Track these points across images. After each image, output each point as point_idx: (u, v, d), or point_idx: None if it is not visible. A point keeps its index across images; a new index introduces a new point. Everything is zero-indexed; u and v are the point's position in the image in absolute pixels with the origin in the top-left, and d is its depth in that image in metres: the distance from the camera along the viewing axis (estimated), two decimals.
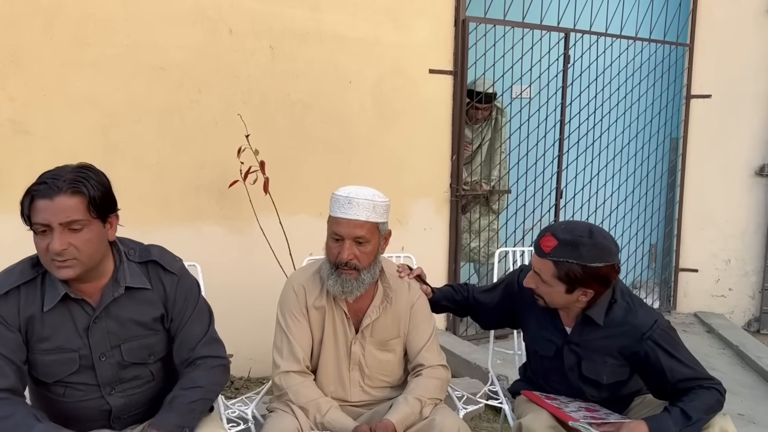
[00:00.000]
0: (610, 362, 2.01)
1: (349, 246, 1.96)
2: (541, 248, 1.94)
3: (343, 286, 1.99)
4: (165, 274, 1.81)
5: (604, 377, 2.03)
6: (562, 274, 1.89)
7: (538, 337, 2.13)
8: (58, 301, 1.66)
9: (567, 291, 1.93)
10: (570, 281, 1.90)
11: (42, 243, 1.59)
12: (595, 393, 2.09)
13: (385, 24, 3.68)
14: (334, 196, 2.01)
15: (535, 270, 1.97)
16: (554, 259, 1.90)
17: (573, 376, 2.08)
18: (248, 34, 3.33)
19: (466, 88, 3.96)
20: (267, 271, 3.31)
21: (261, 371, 3.49)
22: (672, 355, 1.95)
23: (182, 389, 1.74)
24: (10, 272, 1.69)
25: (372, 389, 2.12)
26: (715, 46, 4.65)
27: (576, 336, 2.05)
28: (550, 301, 2.00)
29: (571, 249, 1.88)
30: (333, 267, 2.00)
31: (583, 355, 2.04)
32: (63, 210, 1.56)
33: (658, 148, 4.80)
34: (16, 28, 2.88)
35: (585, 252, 1.87)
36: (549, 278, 1.93)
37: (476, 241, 4.25)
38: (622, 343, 1.99)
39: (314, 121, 3.55)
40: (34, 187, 1.58)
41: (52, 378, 1.71)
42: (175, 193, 3.23)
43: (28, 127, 2.95)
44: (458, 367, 3.56)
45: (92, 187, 1.60)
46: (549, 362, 2.12)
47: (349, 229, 1.96)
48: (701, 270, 4.83)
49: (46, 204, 1.56)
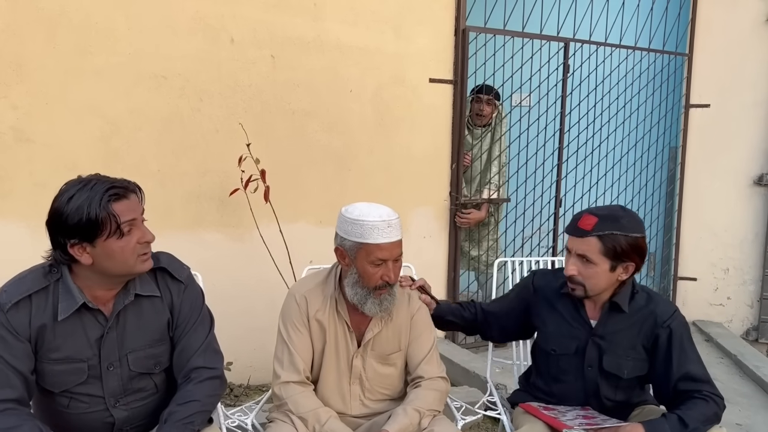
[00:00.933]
0: (632, 355, 2.04)
1: (393, 266, 1.98)
2: (582, 228, 1.97)
3: (382, 305, 2.01)
4: (172, 281, 1.84)
5: (625, 371, 2.05)
6: (609, 247, 1.94)
7: (558, 335, 2.13)
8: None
9: (611, 268, 1.97)
10: (615, 255, 1.94)
11: (130, 240, 1.65)
12: (610, 392, 2.09)
13: (386, 33, 3.71)
14: (364, 222, 1.93)
15: (578, 253, 1.99)
16: (599, 233, 1.94)
17: (592, 372, 2.09)
18: (249, 43, 3.35)
19: (466, 97, 3.98)
20: (267, 279, 3.33)
21: (260, 378, 3.50)
22: (684, 348, 2.00)
23: (178, 404, 1.74)
24: (22, 280, 1.69)
25: (372, 402, 2.13)
26: (714, 56, 4.67)
27: (601, 328, 2.07)
28: (593, 285, 2.00)
29: (612, 222, 1.95)
30: (369, 291, 1.99)
31: (606, 349, 2.06)
32: (139, 205, 1.70)
33: (656, 157, 4.82)
34: (20, 37, 2.90)
35: (625, 223, 1.95)
36: (595, 256, 1.96)
37: (476, 249, 4.26)
38: (644, 332, 2.03)
39: (315, 129, 3.57)
40: (111, 192, 1.62)
41: (59, 388, 1.72)
42: (176, 201, 3.25)
43: (31, 135, 2.96)
44: (457, 375, 3.57)
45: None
46: (566, 360, 2.12)
47: (391, 252, 1.96)
48: (700, 279, 4.84)
49: (127, 203, 1.64)
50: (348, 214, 1.98)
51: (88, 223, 1.59)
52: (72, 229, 1.60)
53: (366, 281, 1.97)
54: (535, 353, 2.28)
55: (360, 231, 1.93)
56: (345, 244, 1.98)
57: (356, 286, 1.99)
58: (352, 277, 2.00)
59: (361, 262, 1.96)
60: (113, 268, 1.66)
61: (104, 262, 1.64)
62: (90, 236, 1.61)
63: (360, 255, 1.95)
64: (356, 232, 1.94)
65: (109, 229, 1.61)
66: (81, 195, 1.60)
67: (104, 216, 1.60)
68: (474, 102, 4.12)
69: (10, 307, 1.63)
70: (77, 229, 1.60)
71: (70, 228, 1.60)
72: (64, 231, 1.61)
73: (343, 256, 2.01)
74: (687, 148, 4.79)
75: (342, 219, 2.00)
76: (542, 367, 2.22)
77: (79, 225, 1.59)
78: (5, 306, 1.63)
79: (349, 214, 1.97)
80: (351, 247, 1.96)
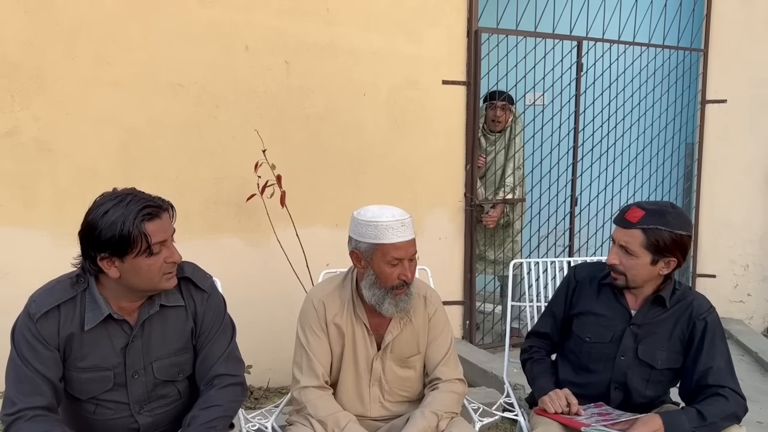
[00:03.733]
0: (667, 347, 2.07)
1: (409, 265, 2.00)
2: (628, 220, 2.01)
3: (399, 305, 2.03)
4: (196, 291, 1.87)
5: (659, 362, 2.07)
6: (651, 241, 1.97)
7: (595, 324, 2.16)
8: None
9: (652, 262, 2.00)
10: (657, 249, 1.97)
11: (158, 259, 1.69)
12: (641, 385, 2.10)
13: (399, 36, 3.73)
14: (378, 223, 1.96)
15: (621, 243, 2.02)
16: (643, 227, 1.98)
17: (625, 362, 2.10)
18: (264, 50, 3.39)
19: (479, 99, 3.99)
20: (285, 282, 3.37)
21: (280, 381, 3.54)
22: (715, 343, 2.03)
23: (201, 409, 1.78)
24: (51, 291, 1.73)
25: (391, 404, 2.15)
26: (730, 51, 4.63)
27: (641, 318, 2.10)
28: (633, 276, 2.04)
29: (658, 217, 1.97)
30: (386, 291, 2.01)
31: (642, 338, 2.09)
32: (170, 224, 1.74)
33: (673, 154, 4.79)
34: (40, 49, 2.96)
35: (671, 219, 1.98)
36: (637, 248, 1.99)
37: (491, 251, 4.26)
38: (681, 324, 2.07)
39: (329, 133, 3.60)
40: (145, 211, 1.65)
41: (86, 395, 1.76)
42: (194, 207, 3.29)
43: (52, 145, 3.03)
44: (474, 376, 3.58)
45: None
46: (599, 349, 2.14)
47: (407, 250, 1.98)
48: (719, 276, 4.80)
49: (159, 223, 1.68)
50: (361, 216, 2.00)
51: (121, 239, 1.62)
52: (104, 243, 1.63)
53: (383, 282, 2.00)
54: (564, 344, 2.29)
55: (374, 232, 1.96)
56: (360, 246, 2.00)
57: (373, 287, 2.02)
58: (369, 279, 2.02)
59: (377, 263, 1.98)
60: (139, 283, 1.70)
61: (131, 277, 1.68)
62: (120, 252, 1.64)
63: (376, 256, 1.98)
64: (371, 234, 1.97)
65: (139, 247, 1.64)
66: (116, 211, 1.63)
67: (136, 234, 1.63)
68: (488, 109, 4.12)
69: (39, 317, 1.67)
70: (109, 244, 1.63)
71: (102, 242, 1.63)
72: (96, 244, 1.64)
73: (358, 258, 2.03)
74: (703, 144, 4.75)
75: (355, 222, 2.03)
76: (571, 356, 2.23)
77: (111, 240, 1.63)
78: (35, 316, 1.67)
79: (362, 216, 2.00)
80: (366, 249, 1.99)
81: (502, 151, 4.19)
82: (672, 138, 4.75)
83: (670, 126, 4.72)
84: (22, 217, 3.01)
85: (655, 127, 4.68)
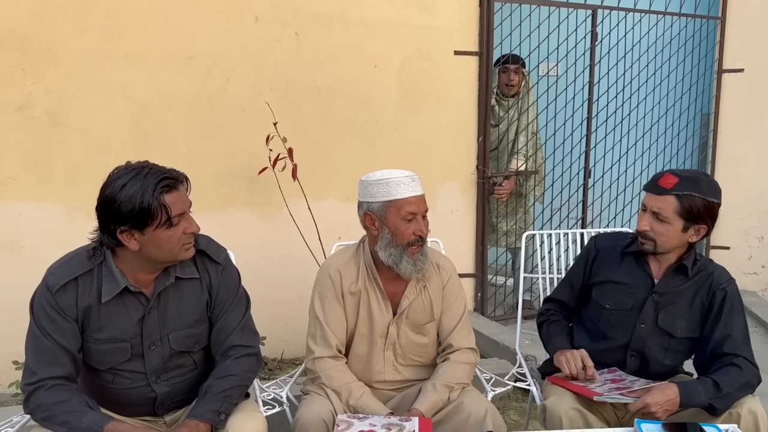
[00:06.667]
0: (687, 315, 2.10)
1: (423, 221, 2.03)
2: (662, 186, 2.03)
3: (416, 264, 2.05)
4: (211, 263, 1.89)
5: (678, 330, 2.10)
6: (685, 207, 2.00)
7: (616, 291, 2.18)
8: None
9: (684, 228, 2.03)
10: (690, 216, 2.01)
11: (177, 230, 1.70)
12: (659, 353, 2.11)
13: (410, 7, 3.67)
14: (389, 180, 1.99)
15: (653, 210, 2.05)
16: (677, 193, 2.00)
17: (644, 330, 2.12)
18: (274, 22, 3.35)
19: (492, 70, 3.93)
20: (297, 255, 3.38)
21: (294, 352, 3.58)
22: (733, 313, 2.05)
23: (217, 378, 1.81)
24: (69, 263, 1.75)
25: (404, 368, 2.17)
26: (748, 19, 4.52)
27: (663, 286, 2.12)
28: (663, 242, 2.06)
29: (692, 184, 2.01)
30: (402, 249, 2.02)
31: (663, 305, 2.11)
32: (186, 196, 1.75)
33: (688, 124, 4.72)
34: (50, 23, 2.95)
35: (705, 187, 2.01)
36: (669, 214, 2.02)
37: (504, 223, 4.23)
38: (701, 293, 2.10)
39: (340, 106, 3.58)
40: (164, 183, 1.66)
41: (104, 366, 1.79)
42: (206, 181, 3.30)
43: (64, 120, 3.04)
44: (487, 347, 3.60)
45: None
46: (619, 316, 2.16)
47: (419, 205, 2.02)
48: (733, 247, 4.76)
49: (177, 195, 1.70)
50: (371, 178, 2.03)
51: (141, 212, 1.64)
52: (124, 216, 1.64)
53: (399, 239, 2.01)
54: (581, 312, 2.30)
55: (386, 189, 1.99)
56: (373, 207, 2.02)
57: (390, 246, 2.03)
58: (385, 239, 2.03)
59: (392, 220, 2.00)
60: (158, 255, 1.72)
61: (151, 249, 1.70)
62: (141, 225, 1.66)
63: (390, 213, 2.00)
64: (383, 192, 1.99)
65: (159, 219, 1.66)
66: (134, 184, 1.64)
67: (156, 206, 1.64)
68: (501, 73, 4.07)
69: (58, 289, 1.70)
70: (129, 217, 1.64)
71: (122, 215, 1.64)
72: (116, 218, 1.65)
73: (372, 220, 2.04)
74: (719, 114, 4.67)
75: (365, 185, 2.05)
76: (588, 323, 2.25)
77: (131, 213, 1.64)
78: (54, 288, 1.70)
79: (371, 177, 2.03)
80: (380, 209, 2.01)
81: (515, 122, 4.14)
82: (687, 108, 4.67)
83: (685, 96, 4.65)
84: (36, 192, 3.03)
85: (670, 97, 4.61)
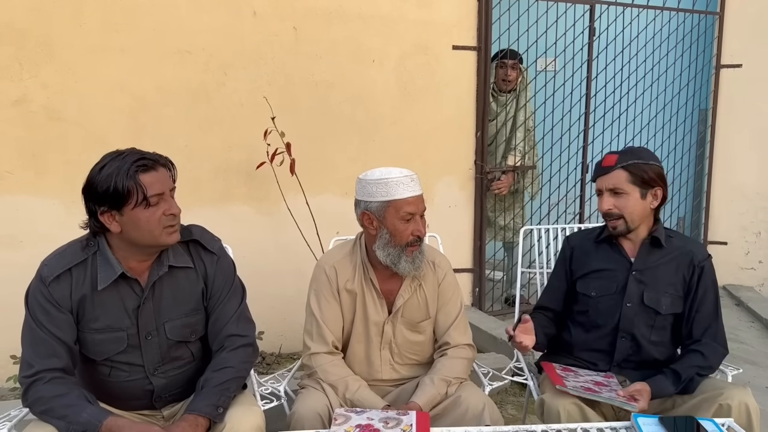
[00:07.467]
0: (670, 291, 2.15)
1: (421, 221, 2.03)
2: (607, 166, 2.13)
3: (415, 263, 2.05)
4: (205, 253, 1.89)
5: (663, 306, 2.14)
6: (636, 175, 2.10)
7: (598, 278, 2.22)
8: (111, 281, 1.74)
9: (642, 195, 2.11)
10: (643, 182, 2.10)
11: (156, 211, 1.70)
12: (646, 331, 2.15)
13: (408, 1, 3.67)
14: (388, 180, 1.98)
15: (609, 187, 2.13)
16: (623, 164, 2.10)
17: (631, 309, 2.15)
18: (272, 16, 3.35)
19: (490, 64, 3.93)
20: (295, 250, 3.38)
21: (291, 347, 3.59)
22: (707, 291, 2.14)
23: (214, 371, 1.81)
24: (62, 254, 1.76)
25: (401, 367, 2.17)
26: (746, 14, 4.52)
27: (641, 263, 2.17)
28: (630, 214, 2.12)
29: (631, 155, 2.13)
30: (401, 249, 2.02)
31: (647, 283, 2.16)
32: (168, 178, 1.73)
33: (686, 119, 4.73)
34: (47, 16, 2.94)
35: (643, 154, 2.14)
36: (625, 185, 2.10)
37: (502, 218, 4.24)
38: (682, 269, 2.16)
39: (338, 100, 3.57)
40: (140, 163, 1.66)
41: (100, 356, 1.79)
42: (204, 175, 3.30)
43: (62, 114, 3.03)
44: (484, 342, 3.61)
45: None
46: (605, 302, 2.19)
47: (417, 205, 2.02)
48: (730, 243, 4.77)
49: (155, 175, 1.69)
50: (369, 177, 2.02)
51: (115, 191, 1.65)
52: (101, 196, 1.67)
53: (398, 239, 2.01)
54: (572, 308, 2.31)
55: (385, 189, 1.98)
56: (371, 206, 2.01)
57: (388, 246, 2.02)
58: (383, 239, 2.02)
59: (390, 220, 2.00)
60: (140, 237, 1.72)
61: (131, 231, 1.71)
62: (117, 204, 1.67)
63: (389, 213, 1.99)
64: (381, 192, 1.98)
65: (135, 198, 1.67)
66: (112, 165, 1.67)
67: (130, 185, 1.65)
68: (498, 68, 4.07)
69: (51, 281, 1.71)
70: (106, 197, 1.66)
71: (99, 195, 1.67)
72: (95, 198, 1.68)
73: (370, 220, 2.03)
74: (717, 109, 4.68)
75: (363, 184, 2.03)
76: (580, 317, 2.27)
77: (107, 193, 1.66)
78: (47, 279, 1.71)
79: (370, 177, 2.01)
80: (378, 208, 2.00)
81: (511, 118, 4.15)
82: (685, 104, 4.68)
83: (683, 91, 4.65)
84: (33, 186, 3.03)
85: (668, 92, 4.61)
